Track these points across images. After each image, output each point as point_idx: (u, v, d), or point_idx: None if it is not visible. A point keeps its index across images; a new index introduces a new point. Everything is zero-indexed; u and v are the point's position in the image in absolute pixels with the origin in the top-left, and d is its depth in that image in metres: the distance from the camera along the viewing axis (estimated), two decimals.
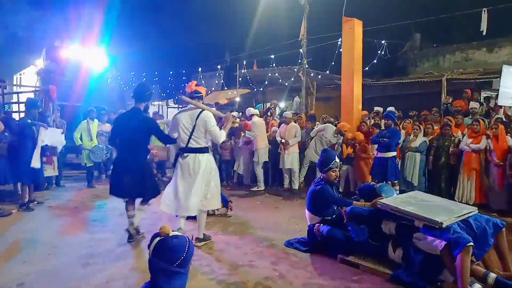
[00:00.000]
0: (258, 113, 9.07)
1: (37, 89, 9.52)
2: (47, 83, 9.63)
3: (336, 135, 7.95)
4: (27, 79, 12.45)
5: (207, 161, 4.57)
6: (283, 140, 8.13)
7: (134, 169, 4.61)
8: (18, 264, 4.00)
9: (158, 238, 2.12)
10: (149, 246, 2.13)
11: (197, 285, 3.48)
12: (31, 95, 9.52)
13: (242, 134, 8.68)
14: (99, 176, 9.68)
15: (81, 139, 8.64)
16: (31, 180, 6.51)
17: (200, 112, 4.49)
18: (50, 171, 7.82)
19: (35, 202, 6.68)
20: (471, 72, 11.87)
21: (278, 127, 8.71)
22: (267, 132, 8.86)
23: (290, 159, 8.20)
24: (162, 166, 9.96)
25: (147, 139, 4.78)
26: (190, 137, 4.48)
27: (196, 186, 4.46)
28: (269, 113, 10.38)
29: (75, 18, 14.88)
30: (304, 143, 8.51)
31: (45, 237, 4.96)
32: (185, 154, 4.51)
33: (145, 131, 4.69)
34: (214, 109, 5.14)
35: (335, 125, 8.27)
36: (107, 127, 9.45)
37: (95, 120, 8.94)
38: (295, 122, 8.53)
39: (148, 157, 6.64)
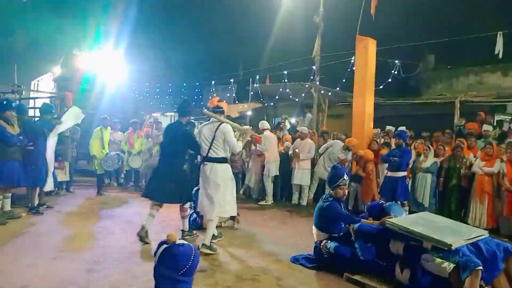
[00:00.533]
0: (269, 127, 9.10)
1: (53, 95, 9.71)
2: (63, 90, 9.83)
3: (343, 151, 7.91)
4: (44, 86, 12.70)
5: (224, 170, 4.94)
6: (296, 150, 8.09)
7: (174, 176, 5.06)
8: (22, 267, 4.03)
9: (164, 246, 2.12)
10: (155, 253, 2.13)
11: None
12: (47, 101, 9.70)
13: (253, 147, 8.70)
14: (109, 184, 9.75)
15: None
16: (42, 183, 6.59)
17: (220, 124, 4.92)
18: (62, 176, 7.93)
19: (45, 206, 6.76)
20: (485, 95, 11.77)
21: (292, 143, 8.71)
22: (279, 146, 8.86)
23: (301, 175, 8.18)
24: None
25: (185, 150, 5.34)
26: (210, 148, 4.90)
27: (211, 192, 4.86)
28: (279, 128, 10.39)
29: (94, 28, 15.26)
30: (314, 159, 8.48)
31: (51, 241, 4.99)
32: (205, 163, 4.95)
33: (184, 143, 5.17)
34: (233, 122, 5.50)
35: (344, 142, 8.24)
36: (120, 135, 9.57)
37: (108, 127, 9.06)
38: (310, 139, 8.52)
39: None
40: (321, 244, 4.39)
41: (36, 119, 8.14)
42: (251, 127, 10.50)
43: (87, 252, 4.59)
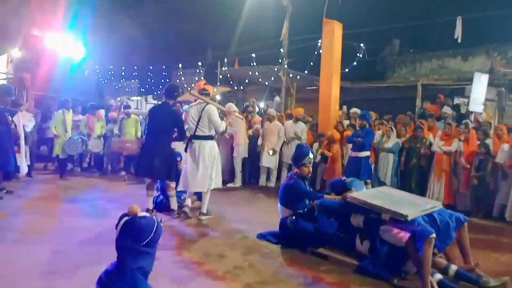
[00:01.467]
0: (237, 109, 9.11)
1: (10, 76, 9.27)
2: (21, 72, 9.39)
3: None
4: (1, 68, 12.08)
5: (210, 147, 5.43)
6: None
7: (162, 153, 5.35)
8: None
9: (126, 218, 2.13)
10: (116, 226, 2.14)
11: (168, 273, 3.49)
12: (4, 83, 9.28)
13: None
14: (72, 169, 9.49)
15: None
16: (3, 167, 6.34)
17: (205, 105, 5.37)
18: (21, 161, 7.61)
19: (4, 191, 6.52)
20: (446, 79, 12.24)
21: (261, 125, 8.76)
22: (249, 129, 8.90)
23: (269, 157, 8.27)
24: (131, 160, 9.82)
25: (172, 129, 5.50)
26: (196, 126, 5.37)
27: (201, 167, 5.33)
28: (248, 111, 10.42)
29: (53, 7, 14.56)
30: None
31: (13, 224, 4.85)
32: (193, 141, 5.40)
33: (172, 122, 5.45)
34: (218, 104, 5.90)
35: (312, 125, 8.43)
36: (81, 118, 9.30)
37: (70, 110, 8.77)
38: (278, 121, 8.61)
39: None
40: (287, 220, 4.50)
41: None
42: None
43: (51, 234, 4.51)
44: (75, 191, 7.26)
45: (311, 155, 4.71)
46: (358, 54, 12.04)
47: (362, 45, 12.05)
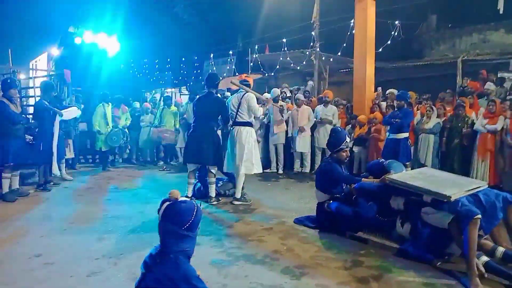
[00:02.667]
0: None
1: (51, 73, 9.68)
2: (61, 68, 9.77)
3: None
4: (42, 66, 12.64)
5: (247, 132, 5.69)
6: (299, 127, 8.13)
7: (209, 139, 5.62)
8: (36, 238, 4.16)
9: (167, 203, 2.19)
10: (158, 211, 2.21)
11: (207, 257, 3.57)
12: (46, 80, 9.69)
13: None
14: (113, 160, 9.85)
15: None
16: (48, 161, 6.67)
17: (245, 93, 5.70)
18: (67, 154, 8.00)
19: (52, 183, 6.87)
20: (488, 53, 11.59)
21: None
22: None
23: (302, 142, 8.21)
24: (170, 150, 10.06)
25: (218, 116, 5.77)
26: (236, 113, 5.68)
27: (238, 152, 5.62)
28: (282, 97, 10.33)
29: (88, 4, 15.02)
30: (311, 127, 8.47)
31: (61, 214, 5.12)
32: (233, 126, 5.74)
33: (216, 109, 5.72)
34: (257, 93, 6.13)
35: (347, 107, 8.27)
36: (116, 112, 9.57)
37: (109, 104, 9.06)
38: (306, 105, 8.51)
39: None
40: (325, 204, 4.47)
41: (37, 98, 8.14)
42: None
43: (96, 223, 4.72)
44: (117, 181, 7.55)
45: (348, 139, 4.64)
46: (392, 33, 11.59)
47: (397, 22, 11.58)
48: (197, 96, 6.29)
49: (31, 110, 7.71)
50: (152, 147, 10.05)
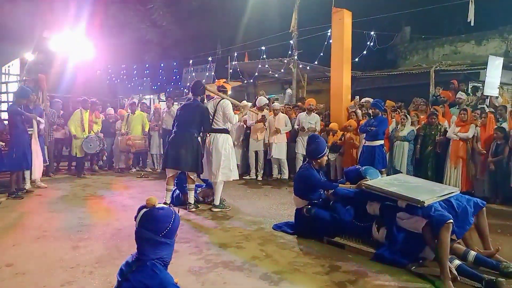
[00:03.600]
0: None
1: (26, 78, 9.45)
2: (34, 74, 9.55)
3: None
4: (15, 71, 12.31)
5: (223, 139, 5.67)
6: (276, 127, 8.20)
7: (189, 145, 5.57)
8: (7, 247, 4.02)
9: (144, 209, 2.17)
10: (135, 218, 2.18)
11: (186, 265, 3.54)
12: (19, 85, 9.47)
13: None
14: (90, 167, 9.65)
15: None
16: (19, 167, 6.49)
17: (220, 100, 5.70)
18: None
19: (24, 191, 6.68)
20: (459, 64, 12.02)
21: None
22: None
23: (278, 149, 8.27)
24: (140, 158, 9.93)
25: (198, 122, 5.70)
26: (212, 120, 5.67)
27: (215, 159, 5.60)
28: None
29: (64, 9, 14.75)
30: (293, 134, 8.55)
31: (35, 223, 4.97)
32: (208, 134, 5.72)
33: (197, 115, 5.68)
34: (233, 100, 6.18)
35: (324, 115, 8.41)
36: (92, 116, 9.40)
37: (88, 110, 8.89)
38: (283, 113, 8.61)
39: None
40: (303, 209, 4.50)
41: (10, 103, 7.93)
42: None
43: (71, 231, 4.60)
44: (93, 188, 7.39)
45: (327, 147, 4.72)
46: (368, 43, 11.88)
47: (372, 33, 11.88)
48: (182, 103, 6.30)
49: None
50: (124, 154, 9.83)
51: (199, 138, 5.93)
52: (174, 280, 2.13)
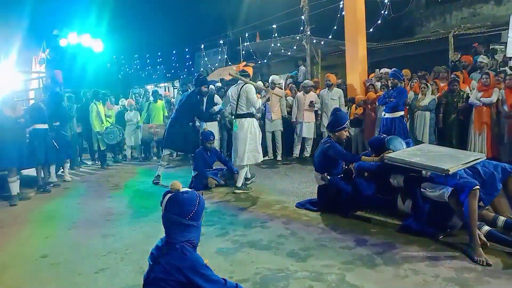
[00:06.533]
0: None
1: (42, 75, 9.62)
2: (49, 70, 9.70)
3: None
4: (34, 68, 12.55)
5: (249, 123, 5.75)
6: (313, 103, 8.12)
7: (182, 130, 6.35)
8: (40, 240, 4.18)
9: (169, 194, 2.20)
10: (161, 203, 2.22)
11: (213, 246, 3.60)
12: (36, 82, 9.68)
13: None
14: (113, 158, 9.84)
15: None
16: (46, 161, 6.67)
17: (243, 85, 5.71)
18: None
19: (51, 185, 6.88)
20: (479, 26, 11.54)
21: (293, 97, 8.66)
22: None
23: (307, 127, 8.21)
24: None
25: (191, 110, 6.49)
26: (236, 105, 5.73)
27: (240, 142, 5.72)
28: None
29: (73, 4, 14.83)
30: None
31: (64, 215, 5.15)
32: (234, 119, 5.85)
33: (188, 104, 6.43)
34: (258, 83, 6.47)
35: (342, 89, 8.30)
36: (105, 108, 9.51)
37: (100, 101, 9.00)
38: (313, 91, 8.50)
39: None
40: (326, 177, 4.46)
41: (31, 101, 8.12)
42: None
43: (100, 221, 4.74)
44: (117, 179, 7.56)
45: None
46: (382, 12, 11.50)
47: (386, 1, 11.48)
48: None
49: None
50: (144, 143, 9.94)
51: (191, 124, 6.63)
52: (204, 261, 2.17)
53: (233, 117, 5.98)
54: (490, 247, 3.15)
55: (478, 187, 3.14)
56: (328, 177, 4.44)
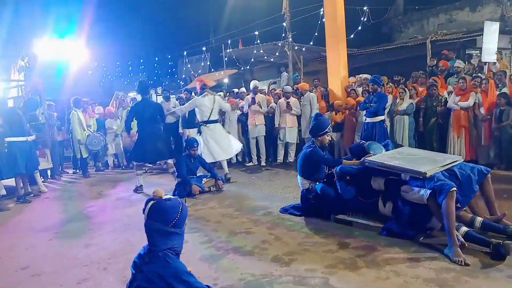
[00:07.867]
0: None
1: (21, 84, 9.44)
2: (29, 78, 9.53)
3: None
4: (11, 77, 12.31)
5: (221, 126, 7.36)
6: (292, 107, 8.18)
7: (160, 138, 6.44)
8: (21, 251, 4.10)
9: (152, 202, 2.21)
10: (144, 211, 2.21)
11: (197, 253, 3.60)
12: (15, 90, 9.50)
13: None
14: (94, 166, 9.69)
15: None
16: (25, 171, 6.54)
17: (214, 97, 7.08)
18: (44, 164, 7.84)
19: (32, 195, 6.74)
20: (455, 32, 11.87)
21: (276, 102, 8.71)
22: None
23: (289, 132, 8.26)
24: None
25: (160, 118, 6.56)
26: (211, 113, 6.87)
27: (223, 138, 7.02)
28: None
29: (52, 12, 14.63)
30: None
31: (45, 225, 5.05)
32: (207, 125, 6.90)
33: (157, 112, 6.51)
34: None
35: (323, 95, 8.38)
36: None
37: (81, 109, 8.88)
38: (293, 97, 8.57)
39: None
40: (309, 186, 4.52)
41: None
42: (228, 93, 10.66)
43: (82, 230, 4.67)
44: (99, 187, 7.45)
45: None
46: (362, 18, 11.73)
47: (365, 8, 11.72)
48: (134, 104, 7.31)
49: None
50: (126, 152, 9.80)
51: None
52: (187, 268, 2.18)
53: (206, 122, 6.88)
54: (468, 247, 3.23)
55: (455, 189, 3.23)
56: (313, 187, 4.49)
